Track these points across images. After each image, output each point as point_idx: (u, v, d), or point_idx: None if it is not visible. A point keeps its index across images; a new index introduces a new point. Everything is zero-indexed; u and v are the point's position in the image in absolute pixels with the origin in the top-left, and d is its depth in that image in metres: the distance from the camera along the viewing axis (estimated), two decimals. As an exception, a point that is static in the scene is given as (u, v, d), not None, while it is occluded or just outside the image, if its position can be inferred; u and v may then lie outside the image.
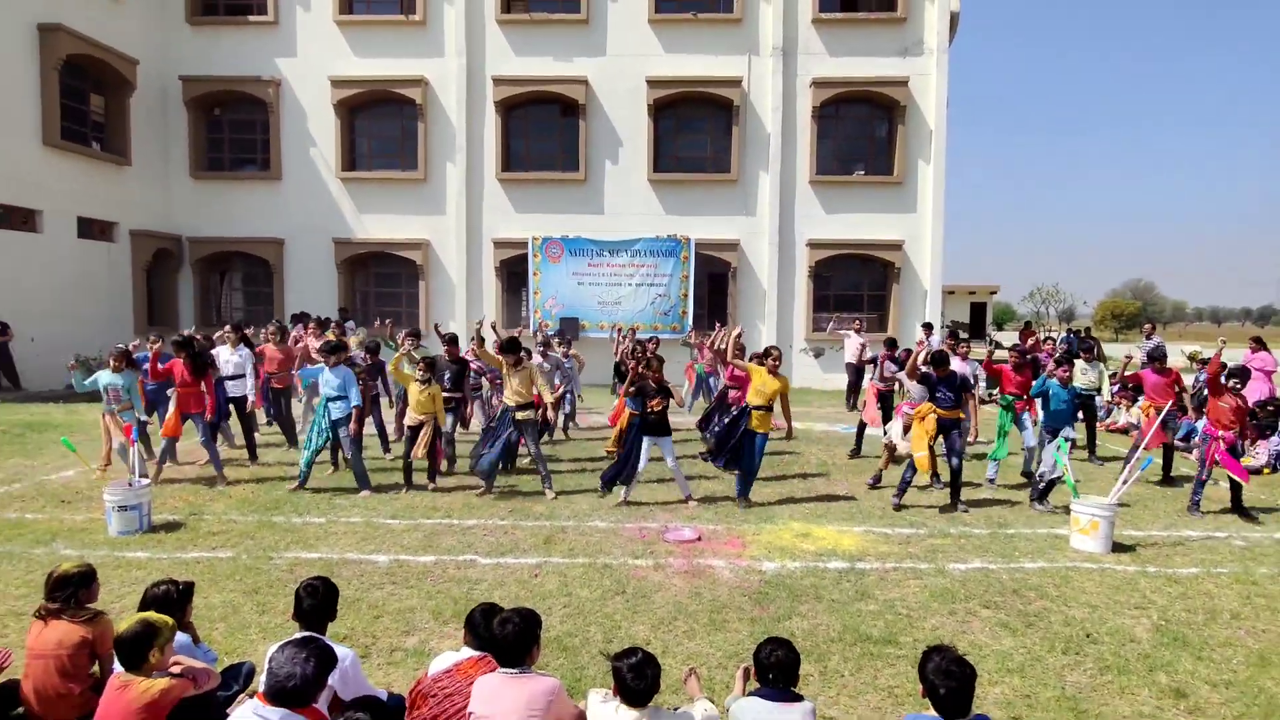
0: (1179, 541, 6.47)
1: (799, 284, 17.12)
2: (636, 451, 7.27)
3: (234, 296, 18.49)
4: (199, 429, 7.94)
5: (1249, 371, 8.30)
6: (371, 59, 16.90)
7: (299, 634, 2.97)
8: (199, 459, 8.54)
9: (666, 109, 17.15)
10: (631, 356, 8.89)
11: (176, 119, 17.20)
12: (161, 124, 17.04)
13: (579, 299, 16.75)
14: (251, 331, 10.64)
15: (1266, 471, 9.35)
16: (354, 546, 5.94)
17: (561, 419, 10.79)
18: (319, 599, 3.19)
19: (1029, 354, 9.50)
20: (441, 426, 7.94)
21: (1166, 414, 7.84)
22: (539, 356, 9.91)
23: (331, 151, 17.17)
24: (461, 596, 4.94)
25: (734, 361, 7.93)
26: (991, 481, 8.34)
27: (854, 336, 13.76)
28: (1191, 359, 14.72)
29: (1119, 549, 6.12)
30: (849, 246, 16.95)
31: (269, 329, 10.21)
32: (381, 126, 17.68)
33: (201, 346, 8.34)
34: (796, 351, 17.06)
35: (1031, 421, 8.50)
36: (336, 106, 16.96)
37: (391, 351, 9.14)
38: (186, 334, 9.44)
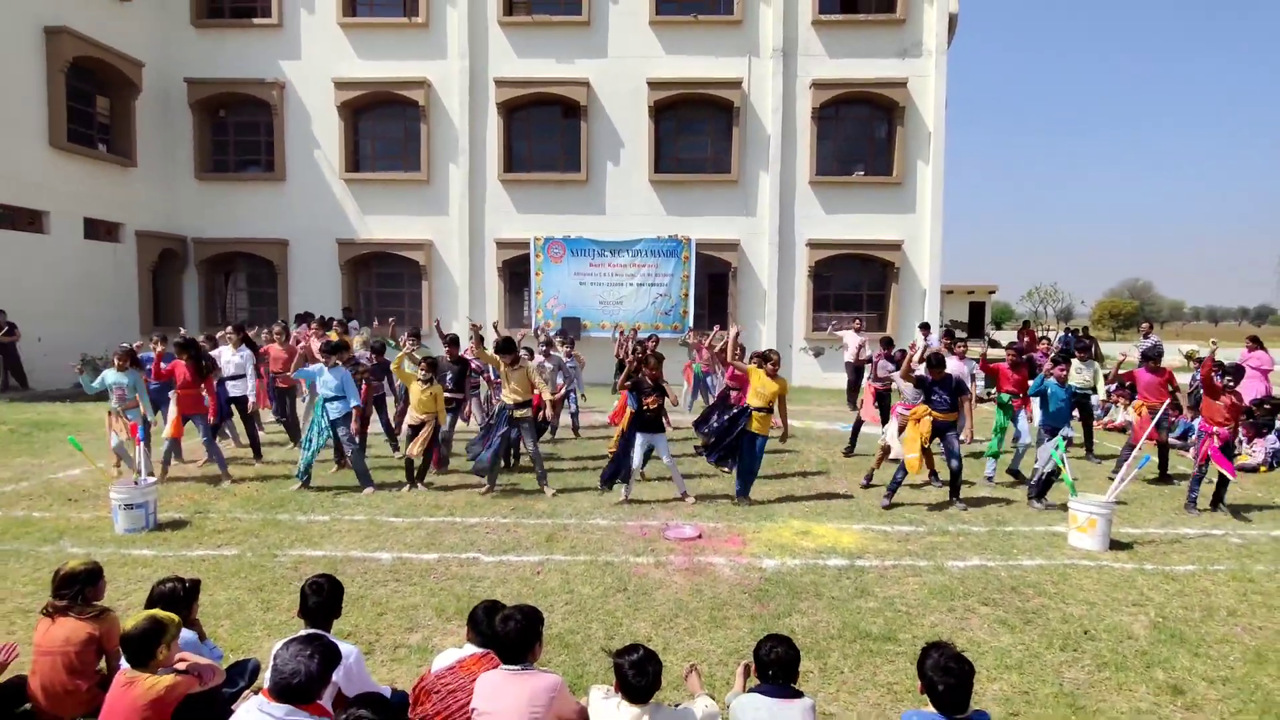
0: (1176, 539, 6.49)
1: (799, 284, 17.15)
2: (630, 448, 7.33)
3: (238, 297, 18.57)
4: (200, 429, 8.01)
5: (1243, 369, 8.31)
6: (375, 61, 16.96)
7: (304, 631, 3.00)
8: (200, 458, 8.59)
9: (667, 110, 17.19)
10: (632, 355, 8.94)
11: (181, 121, 17.27)
12: (166, 126, 17.12)
13: (581, 299, 16.80)
14: (254, 332, 10.72)
15: (1263, 469, 9.35)
16: (358, 544, 5.99)
17: (570, 420, 10.84)
18: (324, 596, 3.21)
19: (1025, 352, 9.51)
20: (442, 426, 7.99)
21: (1161, 414, 7.87)
22: (541, 356, 9.97)
23: (335, 153, 17.24)
24: (464, 594, 4.98)
25: (734, 362, 7.96)
26: (990, 479, 8.37)
27: (854, 335, 13.78)
28: (1189, 358, 14.71)
29: (1116, 546, 6.15)
30: (848, 246, 16.98)
31: (274, 329, 10.29)
32: (385, 128, 17.74)
33: (203, 350, 8.39)
34: (796, 351, 17.10)
35: (1028, 419, 8.53)
36: (340, 108, 17.03)
37: (395, 351, 9.23)
38: (187, 336, 9.50)
